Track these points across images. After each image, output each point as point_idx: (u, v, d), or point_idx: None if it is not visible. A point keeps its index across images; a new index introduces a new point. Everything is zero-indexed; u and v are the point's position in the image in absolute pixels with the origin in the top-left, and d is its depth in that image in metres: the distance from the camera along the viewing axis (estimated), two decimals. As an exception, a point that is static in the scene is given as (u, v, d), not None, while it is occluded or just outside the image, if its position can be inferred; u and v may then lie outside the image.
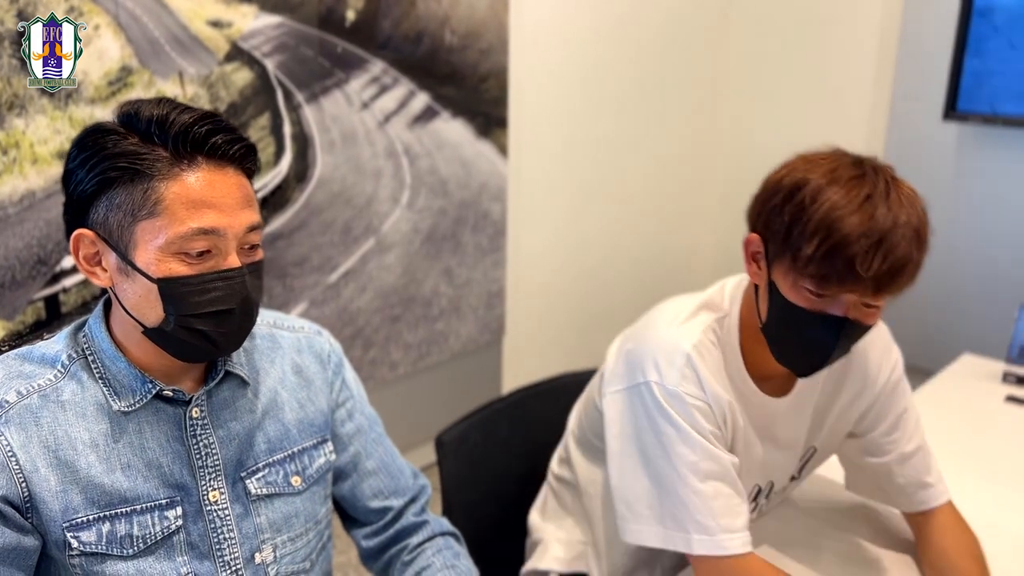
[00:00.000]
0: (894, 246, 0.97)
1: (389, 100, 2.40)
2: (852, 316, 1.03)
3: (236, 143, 0.91)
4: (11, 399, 0.91)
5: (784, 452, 1.24)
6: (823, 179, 1.01)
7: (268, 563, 1.02)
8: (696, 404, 1.10)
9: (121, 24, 1.81)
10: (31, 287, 1.78)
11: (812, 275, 1.00)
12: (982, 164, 3.10)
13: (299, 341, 1.11)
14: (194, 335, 0.90)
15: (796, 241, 1.00)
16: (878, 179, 1.02)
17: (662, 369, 1.11)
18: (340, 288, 2.40)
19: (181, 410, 0.97)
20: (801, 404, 1.21)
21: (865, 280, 0.97)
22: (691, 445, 1.09)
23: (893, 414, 1.25)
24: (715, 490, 1.09)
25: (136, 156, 0.88)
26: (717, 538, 1.08)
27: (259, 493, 1.01)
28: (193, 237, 0.87)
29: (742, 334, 1.16)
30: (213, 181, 0.89)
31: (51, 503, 0.90)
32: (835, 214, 0.98)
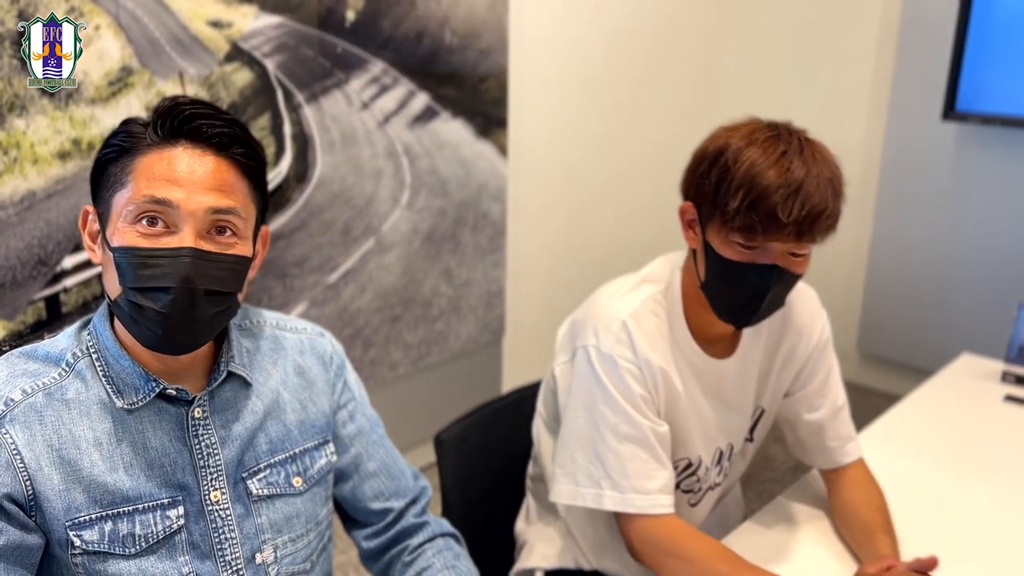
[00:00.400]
0: (810, 194, 1.07)
1: (389, 100, 2.41)
2: (781, 264, 1.12)
3: (217, 128, 0.92)
4: (16, 397, 0.91)
5: (735, 413, 1.32)
6: (742, 141, 1.12)
7: (269, 563, 1.02)
8: (628, 367, 1.18)
9: (121, 24, 1.82)
10: (32, 287, 1.78)
11: (740, 227, 1.09)
12: (981, 164, 3.10)
13: (302, 342, 1.11)
14: (138, 312, 0.89)
15: (723, 199, 1.10)
16: (792, 138, 1.12)
17: (600, 334, 1.20)
18: (340, 288, 2.41)
19: (184, 410, 0.97)
20: (745, 364, 1.29)
21: (787, 226, 1.07)
22: (613, 407, 1.18)
23: (823, 371, 1.35)
24: (632, 453, 1.17)
25: (128, 135, 0.92)
26: (627, 496, 1.17)
27: (260, 494, 1.02)
28: (145, 204, 0.88)
29: (685, 301, 1.24)
30: (184, 159, 0.91)
31: (54, 501, 0.90)
32: (755, 170, 1.08)
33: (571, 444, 1.22)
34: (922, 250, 3.28)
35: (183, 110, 0.91)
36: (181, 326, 0.90)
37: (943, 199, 3.19)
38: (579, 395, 1.22)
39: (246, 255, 0.95)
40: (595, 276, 3.22)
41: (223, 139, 0.92)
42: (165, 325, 0.89)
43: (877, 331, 3.45)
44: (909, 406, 1.75)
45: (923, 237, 3.27)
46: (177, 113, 0.91)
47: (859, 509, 1.28)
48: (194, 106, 0.92)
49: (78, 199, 1.81)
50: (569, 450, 1.22)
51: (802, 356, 1.33)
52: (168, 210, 0.89)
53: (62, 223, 1.80)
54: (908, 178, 3.26)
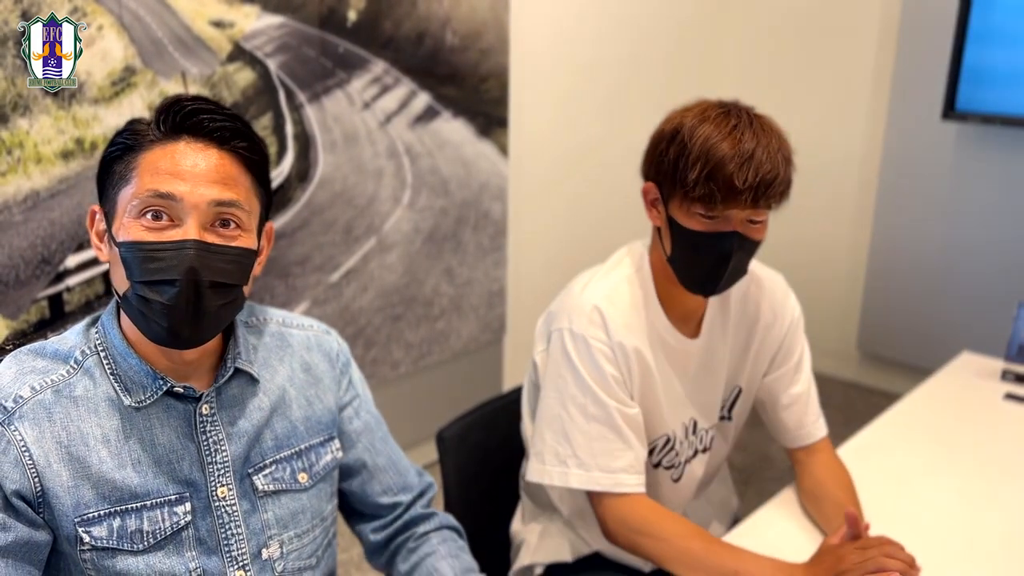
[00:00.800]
0: (762, 162, 1.14)
1: (390, 100, 2.41)
2: (741, 231, 1.18)
3: (219, 122, 0.93)
4: (25, 394, 0.92)
5: (702, 391, 1.37)
6: (696, 119, 1.19)
7: (275, 559, 1.03)
8: (599, 348, 1.22)
9: (124, 24, 1.82)
10: (35, 286, 1.79)
11: (700, 197, 1.16)
12: (981, 164, 3.10)
13: (308, 339, 1.12)
14: (146, 306, 0.89)
15: (682, 173, 1.17)
16: (741, 114, 1.18)
17: (572, 317, 1.25)
18: (342, 287, 2.41)
19: (191, 407, 0.98)
20: (711, 344, 1.35)
21: (743, 192, 1.13)
22: (582, 388, 1.23)
23: (798, 349, 1.41)
24: (598, 432, 1.22)
25: (133, 133, 0.93)
26: (592, 474, 1.22)
27: (266, 489, 1.02)
28: (149, 199, 0.89)
29: (655, 279, 1.30)
30: (187, 153, 0.92)
31: (63, 498, 0.91)
32: (710, 143, 1.15)
33: (541, 424, 1.26)
34: (922, 249, 3.29)
35: (185, 106, 0.93)
36: (187, 319, 0.90)
37: (943, 198, 3.20)
38: (552, 377, 1.26)
39: (251, 247, 0.95)
40: (596, 275, 3.23)
41: (225, 133, 0.93)
42: (171, 318, 0.89)
43: (877, 330, 3.46)
44: (909, 405, 1.76)
45: (923, 236, 3.27)
46: (179, 109, 0.92)
47: (830, 487, 1.33)
48: (196, 102, 0.93)
49: (81, 198, 1.81)
50: (539, 430, 1.27)
51: (778, 336, 1.39)
52: (172, 204, 0.90)
53: (65, 222, 1.80)
54: (908, 177, 3.27)
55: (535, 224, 2.96)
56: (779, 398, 1.41)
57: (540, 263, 3.02)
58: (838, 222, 3.43)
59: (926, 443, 1.61)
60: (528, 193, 2.90)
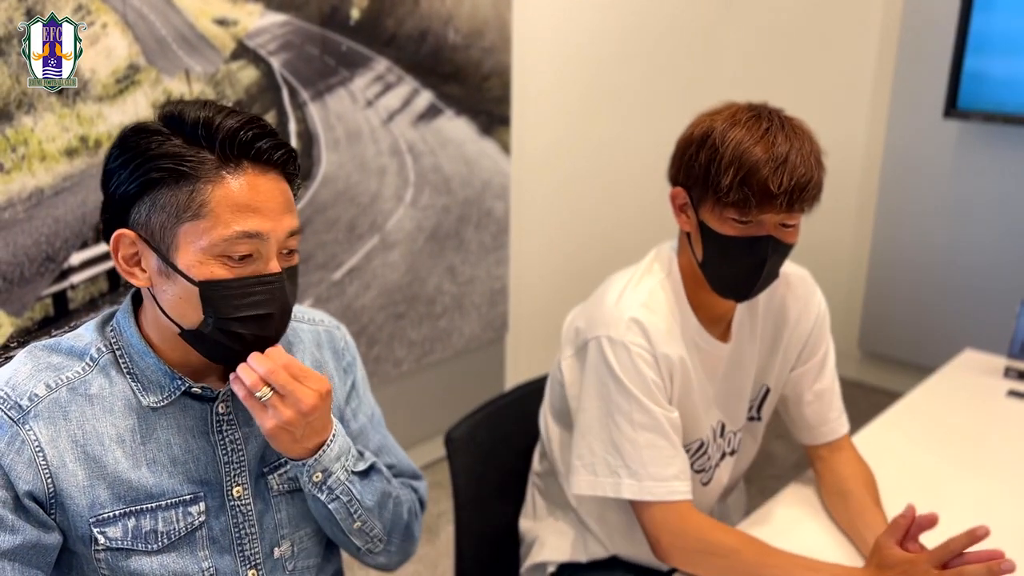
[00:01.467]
0: (796, 166, 1.13)
1: (393, 98, 2.41)
2: (775, 235, 1.17)
3: (279, 148, 0.91)
4: (40, 392, 0.91)
5: (731, 393, 1.35)
6: (726, 123, 1.17)
7: (287, 558, 1.03)
8: (640, 354, 1.20)
9: (128, 22, 1.82)
10: (39, 284, 1.79)
11: (734, 203, 1.14)
12: (982, 162, 3.11)
13: (319, 335, 1.11)
14: (232, 338, 0.90)
15: (715, 178, 1.15)
16: (772, 117, 1.17)
17: (611, 324, 1.23)
18: (344, 285, 2.41)
19: (208, 406, 0.97)
20: (741, 347, 1.34)
21: (778, 197, 1.12)
22: (626, 396, 1.20)
23: (824, 344, 1.40)
24: (647, 440, 1.20)
25: (181, 158, 0.87)
26: (644, 484, 1.19)
27: (281, 489, 1.02)
28: (237, 240, 0.87)
29: (686, 284, 1.28)
30: (257, 185, 0.89)
31: (78, 498, 0.90)
32: (743, 147, 1.14)
33: (588, 435, 1.23)
34: (924, 247, 3.29)
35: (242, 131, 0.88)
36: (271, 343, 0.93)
37: (945, 196, 3.20)
38: (593, 386, 1.23)
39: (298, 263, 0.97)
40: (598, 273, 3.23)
41: (282, 157, 0.91)
42: (257, 346, 0.92)
43: (879, 329, 3.46)
44: (911, 403, 1.76)
45: (924, 234, 3.27)
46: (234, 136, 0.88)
47: (854, 485, 1.32)
48: (251, 126, 0.89)
49: (85, 196, 1.81)
50: (587, 441, 1.24)
51: (804, 332, 1.38)
52: (258, 242, 0.89)
53: (69, 220, 1.81)
54: (910, 176, 3.27)
55: (537, 222, 2.96)
56: (803, 394, 1.40)
57: (542, 261, 3.03)
58: (840, 220, 3.43)
59: (929, 441, 1.61)
60: (530, 191, 2.90)
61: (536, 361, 3.03)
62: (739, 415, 1.39)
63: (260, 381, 0.90)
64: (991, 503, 1.40)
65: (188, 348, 0.93)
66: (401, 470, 1.17)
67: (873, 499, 1.29)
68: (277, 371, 0.90)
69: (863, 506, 1.27)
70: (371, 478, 1.03)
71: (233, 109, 0.90)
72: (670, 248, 1.32)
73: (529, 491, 1.45)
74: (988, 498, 1.42)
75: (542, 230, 2.99)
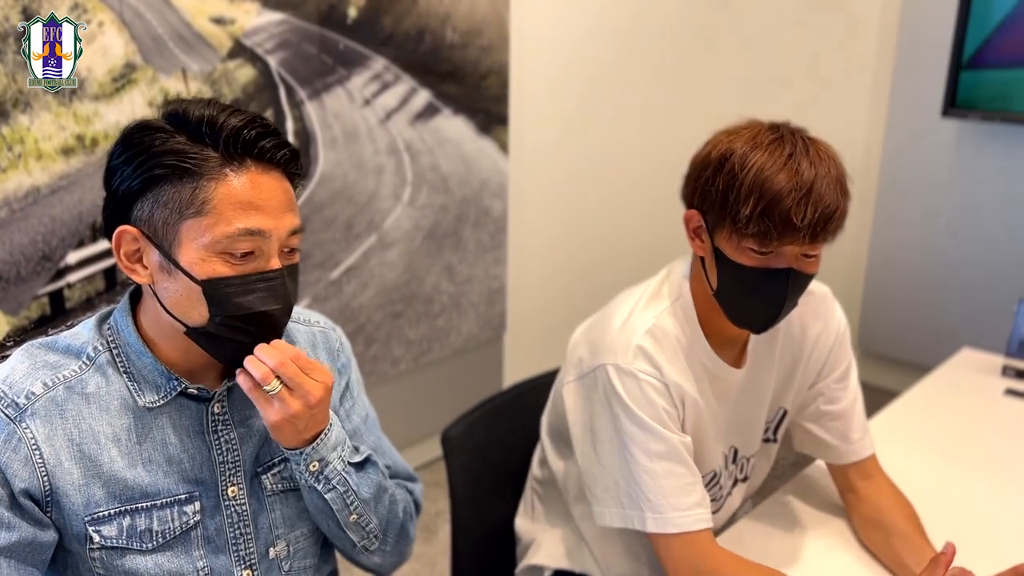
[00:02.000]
0: (821, 196, 1.06)
1: (391, 97, 2.41)
2: (795, 267, 1.11)
3: (283, 147, 0.91)
4: (37, 391, 0.91)
5: (744, 419, 1.29)
6: (747, 146, 1.10)
7: (282, 558, 1.03)
8: (649, 381, 1.14)
9: (125, 21, 1.82)
10: (35, 283, 1.79)
11: (753, 234, 1.07)
12: (981, 160, 3.11)
13: (314, 336, 1.11)
14: (237, 335, 0.90)
15: (733, 206, 1.08)
16: (795, 139, 1.10)
17: (617, 352, 1.16)
18: (342, 284, 2.41)
19: (203, 406, 0.97)
20: (758, 372, 1.28)
21: (801, 229, 1.05)
22: (640, 425, 1.14)
23: (844, 361, 1.34)
24: (665, 469, 1.14)
25: (184, 155, 0.87)
26: (667, 516, 1.14)
27: (275, 489, 1.02)
28: (239, 238, 0.88)
29: (698, 310, 1.21)
30: (260, 183, 0.89)
31: (73, 496, 0.90)
32: (764, 174, 1.06)
33: (611, 467, 1.18)
34: (922, 246, 3.29)
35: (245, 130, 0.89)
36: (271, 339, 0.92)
37: (943, 195, 3.20)
38: (604, 416, 1.18)
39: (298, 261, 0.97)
40: (596, 272, 3.24)
41: (285, 156, 0.92)
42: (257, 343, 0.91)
43: (877, 327, 3.46)
44: (909, 401, 1.76)
45: (923, 233, 3.27)
46: (240, 135, 0.88)
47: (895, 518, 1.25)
48: (253, 125, 0.90)
49: (82, 195, 1.81)
50: (610, 472, 1.18)
51: (825, 350, 1.32)
52: (261, 240, 0.89)
53: (66, 219, 1.80)
54: (908, 174, 3.27)
55: (535, 221, 2.96)
56: (822, 413, 1.33)
57: (540, 260, 3.02)
58: (838, 219, 3.43)
59: (927, 440, 1.61)
60: (528, 190, 2.90)
61: (534, 360, 3.03)
62: (754, 440, 1.33)
63: (271, 374, 0.90)
64: (989, 501, 1.40)
65: (187, 347, 0.93)
66: (396, 471, 1.17)
67: (918, 532, 1.23)
68: (286, 363, 0.90)
69: (909, 540, 1.21)
70: (367, 470, 1.03)
71: (236, 108, 0.91)
72: (681, 271, 1.25)
73: (528, 492, 1.44)
74: (986, 496, 1.42)
75: (540, 229, 2.99)
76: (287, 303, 0.92)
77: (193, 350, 0.94)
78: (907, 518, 1.25)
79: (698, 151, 1.17)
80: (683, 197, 1.19)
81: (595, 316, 1.29)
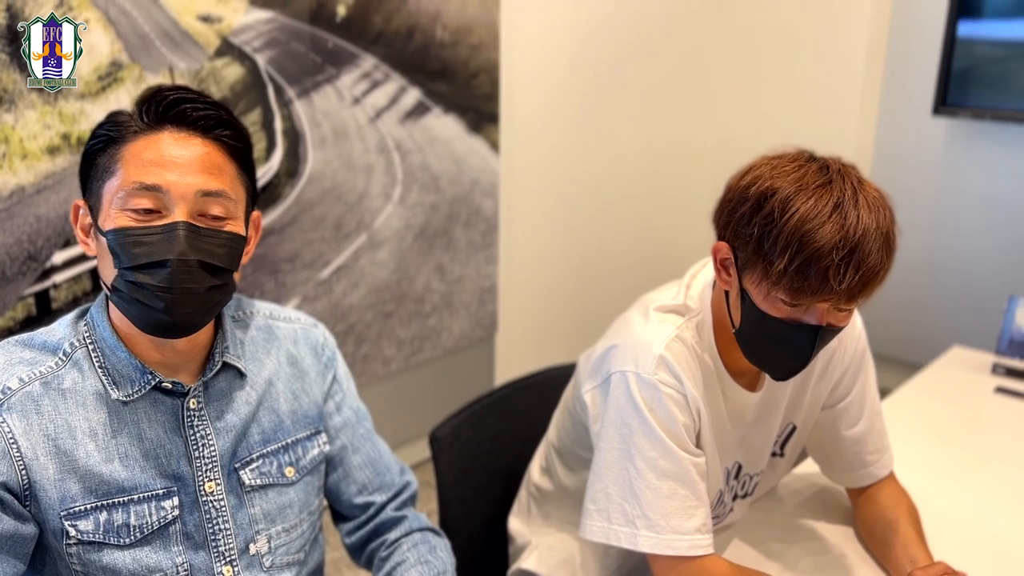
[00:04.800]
0: (866, 255, 0.97)
1: (380, 96, 2.40)
2: (826, 322, 1.03)
3: (201, 111, 0.92)
4: (13, 386, 0.91)
5: (754, 439, 1.25)
6: (791, 188, 0.99)
7: (263, 554, 1.02)
8: (670, 394, 1.09)
9: (111, 19, 1.80)
10: (21, 283, 1.77)
11: (786, 287, 0.99)
12: (971, 158, 3.11)
13: (295, 332, 1.11)
14: (139, 291, 0.89)
15: (768, 253, 0.99)
16: (845, 184, 1.00)
17: (639, 359, 1.11)
18: (332, 284, 2.40)
19: (179, 401, 0.97)
20: (774, 394, 1.23)
21: (839, 291, 0.97)
22: (653, 440, 1.09)
23: (861, 380, 1.28)
24: (670, 489, 1.08)
25: (115, 124, 0.92)
26: (665, 537, 1.08)
27: (253, 484, 1.02)
28: (136, 192, 0.89)
29: (716, 333, 1.15)
30: (171, 143, 0.91)
31: (50, 491, 0.90)
32: (806, 227, 0.97)
33: (604, 478, 1.12)
34: (912, 244, 3.29)
35: (167, 96, 0.92)
36: (180, 300, 0.89)
37: (934, 193, 3.21)
38: (613, 424, 1.12)
39: (240, 233, 0.95)
40: (587, 271, 3.24)
41: (208, 122, 0.93)
42: (165, 299, 0.89)
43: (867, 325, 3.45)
44: (900, 399, 1.76)
45: (913, 231, 3.27)
46: (161, 99, 0.92)
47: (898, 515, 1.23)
48: (177, 91, 0.93)
49: (68, 194, 1.80)
50: (602, 484, 1.13)
51: (840, 364, 1.26)
52: (159, 195, 0.89)
53: (52, 218, 1.79)
54: (899, 172, 3.27)
55: (526, 220, 2.95)
56: (838, 437, 1.28)
57: (531, 259, 3.02)
58: (829, 218, 3.43)
59: (917, 437, 1.61)
60: (519, 189, 2.89)
61: (525, 360, 3.02)
62: (761, 459, 1.28)
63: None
64: (980, 499, 1.40)
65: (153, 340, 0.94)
66: (387, 466, 1.16)
67: (918, 533, 1.21)
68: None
69: (908, 540, 1.18)
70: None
71: (186, 87, 0.95)
72: (704, 281, 1.18)
73: (523, 494, 1.42)
74: (977, 494, 1.41)
75: (531, 228, 2.98)
76: (183, 255, 0.88)
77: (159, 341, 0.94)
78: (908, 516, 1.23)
79: (736, 176, 1.08)
80: (714, 222, 1.10)
81: (610, 330, 1.24)
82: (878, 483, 1.29)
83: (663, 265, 3.55)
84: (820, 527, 1.33)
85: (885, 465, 1.29)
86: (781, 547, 1.27)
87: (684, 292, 1.19)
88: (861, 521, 1.30)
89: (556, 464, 1.34)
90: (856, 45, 3.28)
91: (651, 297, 1.21)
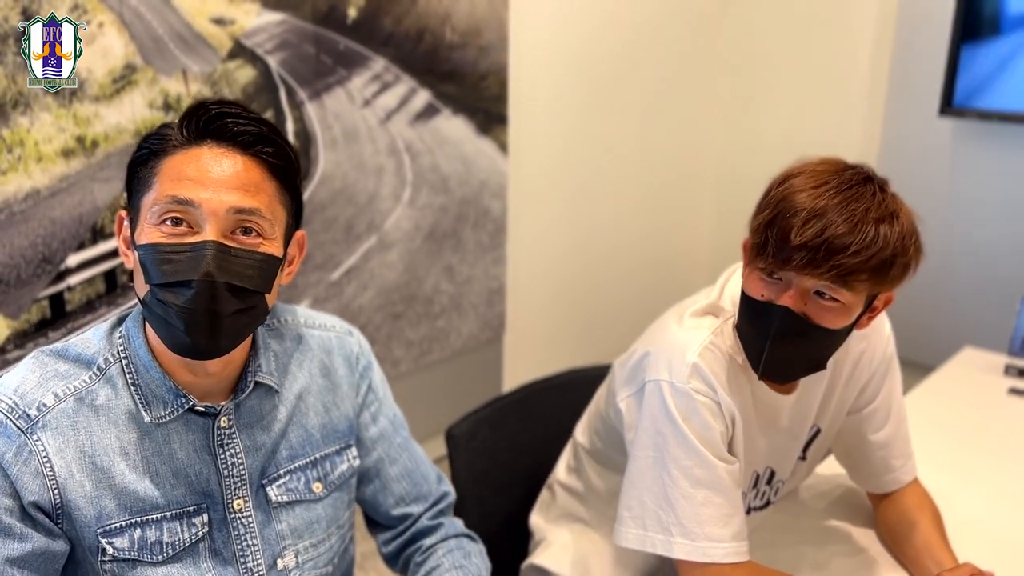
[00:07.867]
0: (837, 224, 0.95)
1: (390, 97, 2.40)
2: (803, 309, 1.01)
3: (243, 127, 0.90)
4: (48, 402, 0.90)
5: (785, 442, 1.25)
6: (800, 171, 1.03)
7: (290, 569, 1.02)
8: (705, 402, 1.09)
9: (125, 22, 1.81)
10: (36, 285, 1.77)
11: (755, 244, 1.01)
12: (978, 160, 3.11)
13: (329, 341, 1.09)
14: (163, 310, 0.87)
15: (753, 220, 1.03)
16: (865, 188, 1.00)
17: (673, 368, 1.11)
18: (342, 286, 2.40)
19: (210, 420, 0.96)
20: (807, 396, 1.22)
21: (798, 252, 0.96)
22: (686, 448, 1.09)
23: (888, 385, 1.28)
24: (704, 497, 1.08)
25: (159, 137, 0.91)
26: (699, 544, 1.08)
27: (279, 500, 1.01)
28: (167, 204, 0.87)
29: None
30: (208, 159, 0.89)
31: (85, 508, 0.89)
32: (789, 191, 1.00)
33: (639, 485, 1.12)
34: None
35: (209, 110, 0.90)
36: (203, 324, 0.86)
37: (941, 195, 3.21)
38: (648, 433, 1.12)
39: (274, 254, 0.91)
40: (595, 272, 3.24)
41: (248, 137, 0.90)
42: (187, 321, 0.86)
43: (875, 326, 3.46)
44: (912, 401, 1.76)
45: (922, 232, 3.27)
46: (203, 113, 0.90)
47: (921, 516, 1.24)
48: (221, 106, 0.91)
49: (82, 197, 1.80)
50: (637, 491, 1.13)
51: (867, 369, 1.26)
52: (191, 210, 0.87)
53: (66, 221, 1.79)
54: (905, 174, 3.27)
55: (535, 222, 2.95)
56: (864, 442, 1.28)
57: (540, 261, 3.02)
58: (836, 218, 3.42)
59: (930, 439, 1.61)
60: (528, 190, 2.89)
61: (534, 361, 3.03)
62: (790, 463, 1.28)
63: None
64: (993, 501, 1.40)
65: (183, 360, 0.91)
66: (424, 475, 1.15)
67: (942, 536, 1.21)
68: None
69: (930, 541, 1.19)
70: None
71: (231, 101, 0.92)
72: (735, 288, 1.17)
73: (545, 491, 1.42)
74: (990, 496, 1.42)
75: (540, 229, 2.98)
76: (208, 276, 0.85)
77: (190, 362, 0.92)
78: (931, 518, 1.24)
79: None
80: None
81: (643, 335, 1.24)
82: (903, 488, 1.30)
83: (671, 266, 3.55)
84: (848, 529, 1.33)
85: (910, 471, 1.30)
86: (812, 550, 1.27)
87: (719, 293, 1.19)
88: (883, 523, 1.30)
89: (587, 465, 1.34)
90: (862, 46, 3.28)
91: (687, 302, 1.21)
